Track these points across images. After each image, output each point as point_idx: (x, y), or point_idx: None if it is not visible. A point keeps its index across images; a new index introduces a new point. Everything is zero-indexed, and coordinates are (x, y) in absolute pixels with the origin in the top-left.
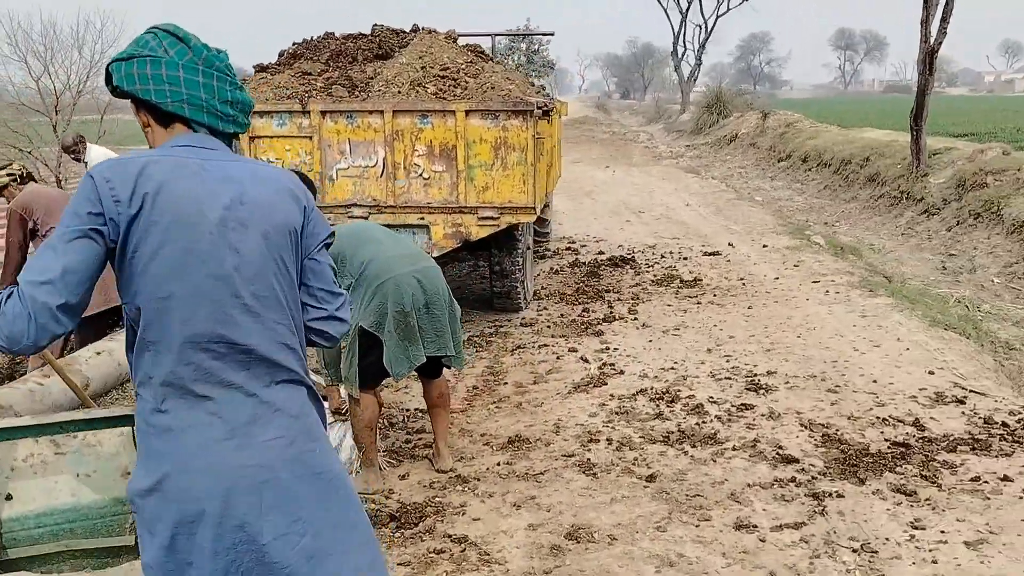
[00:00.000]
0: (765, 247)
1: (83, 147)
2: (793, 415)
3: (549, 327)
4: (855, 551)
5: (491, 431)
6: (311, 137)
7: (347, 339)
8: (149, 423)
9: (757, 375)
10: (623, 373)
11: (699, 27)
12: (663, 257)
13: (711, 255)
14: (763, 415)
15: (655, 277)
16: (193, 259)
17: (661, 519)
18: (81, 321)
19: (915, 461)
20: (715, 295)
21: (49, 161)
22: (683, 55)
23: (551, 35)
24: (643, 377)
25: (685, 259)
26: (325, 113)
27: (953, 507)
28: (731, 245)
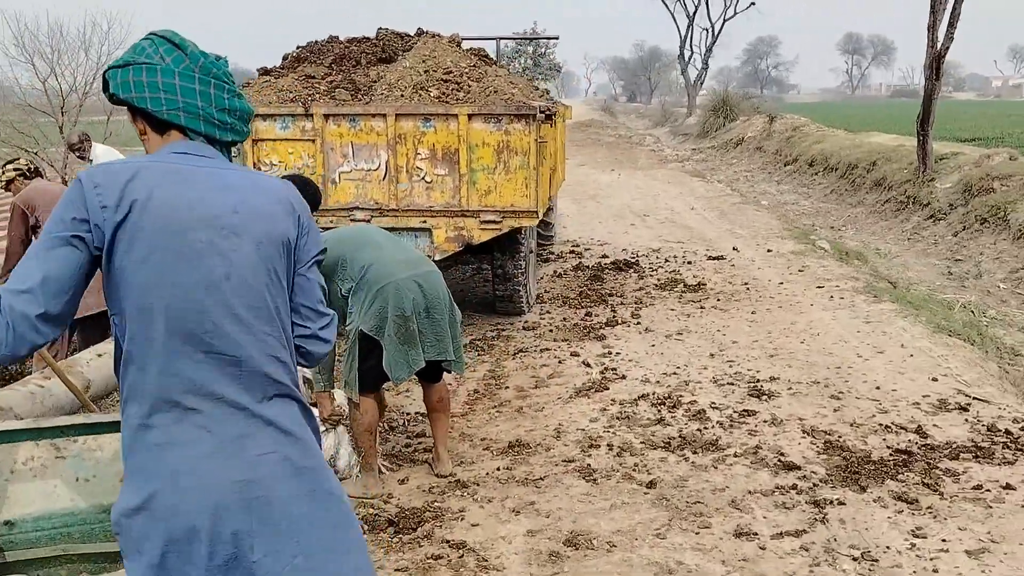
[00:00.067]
0: (770, 251)
1: (88, 145)
2: (795, 421)
3: (551, 331)
4: (855, 559)
5: (491, 435)
6: (314, 140)
7: (347, 343)
8: (136, 439)
9: (760, 381)
10: (625, 378)
11: (706, 31)
12: (667, 261)
13: (715, 259)
14: (765, 421)
15: (659, 281)
16: (181, 266)
17: (661, 526)
18: (84, 322)
19: (917, 469)
20: (719, 300)
21: (55, 162)
22: (690, 59)
23: (556, 39)
24: (645, 382)
25: (689, 263)
26: (328, 116)
27: (955, 515)
28: (736, 249)
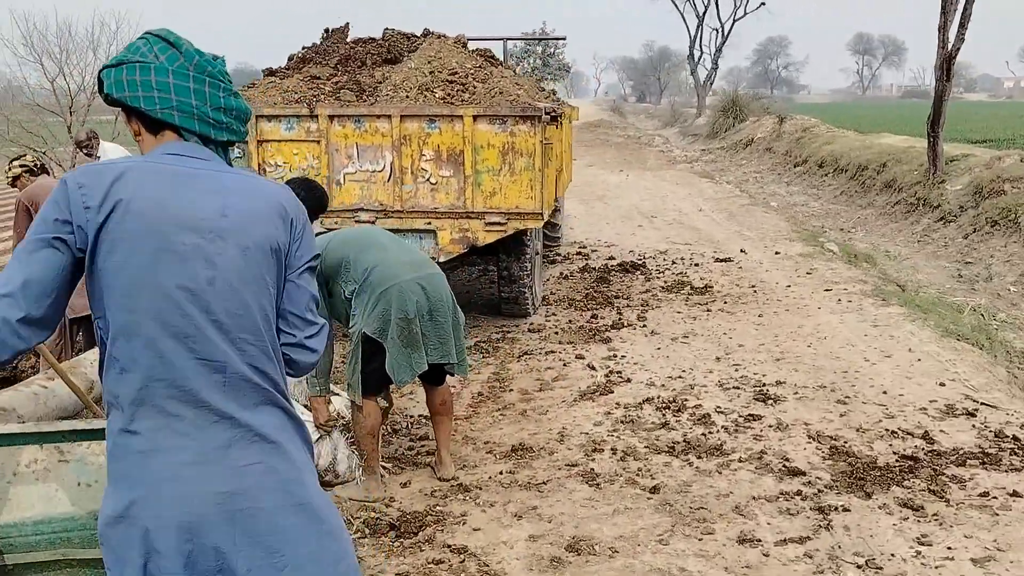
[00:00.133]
0: (778, 254)
1: (96, 143)
2: (801, 426)
3: (557, 333)
4: (860, 567)
5: (495, 439)
6: (319, 141)
7: (351, 345)
8: (118, 445)
9: (766, 385)
10: (630, 381)
11: (716, 31)
12: (674, 263)
13: (723, 261)
14: (771, 426)
15: (665, 283)
16: (164, 269)
17: (663, 532)
18: (87, 322)
19: (923, 475)
20: (725, 302)
21: (63, 161)
22: (699, 59)
23: (563, 39)
24: (650, 385)
25: (696, 265)
26: (333, 117)
27: (961, 523)
28: (743, 251)
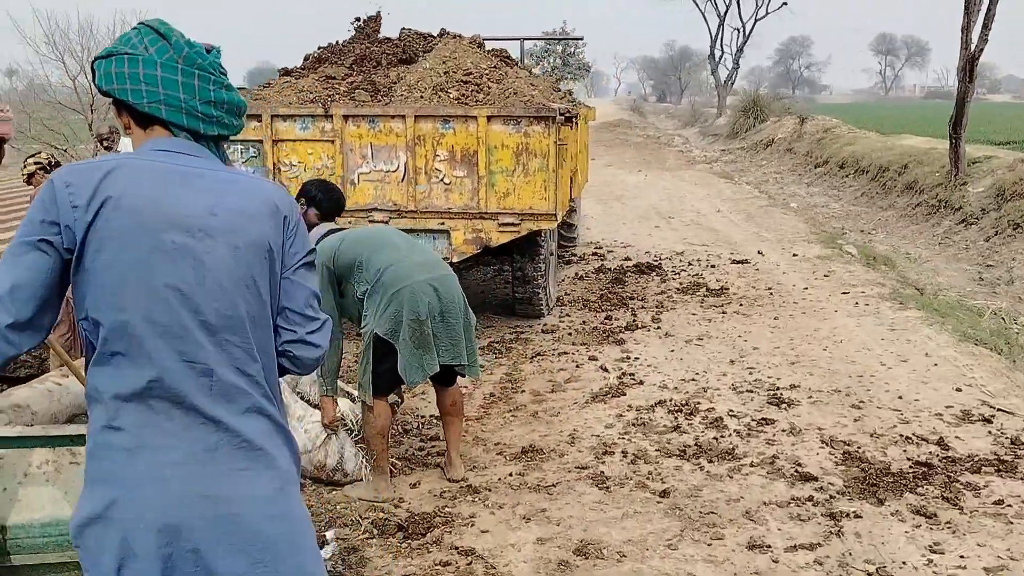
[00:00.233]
0: (795, 256)
1: (117, 137)
2: (814, 431)
3: (570, 334)
4: (870, 574)
5: (505, 440)
6: (333, 141)
7: (363, 345)
8: (99, 443)
9: (780, 389)
10: (642, 383)
11: (737, 31)
12: (690, 264)
13: (739, 263)
14: (784, 430)
15: (681, 285)
16: (153, 268)
17: (673, 536)
18: None
19: (937, 482)
20: (741, 305)
21: (85, 158)
22: (720, 59)
23: (580, 39)
24: (663, 388)
25: (713, 267)
26: (347, 117)
27: (974, 531)
28: (761, 253)
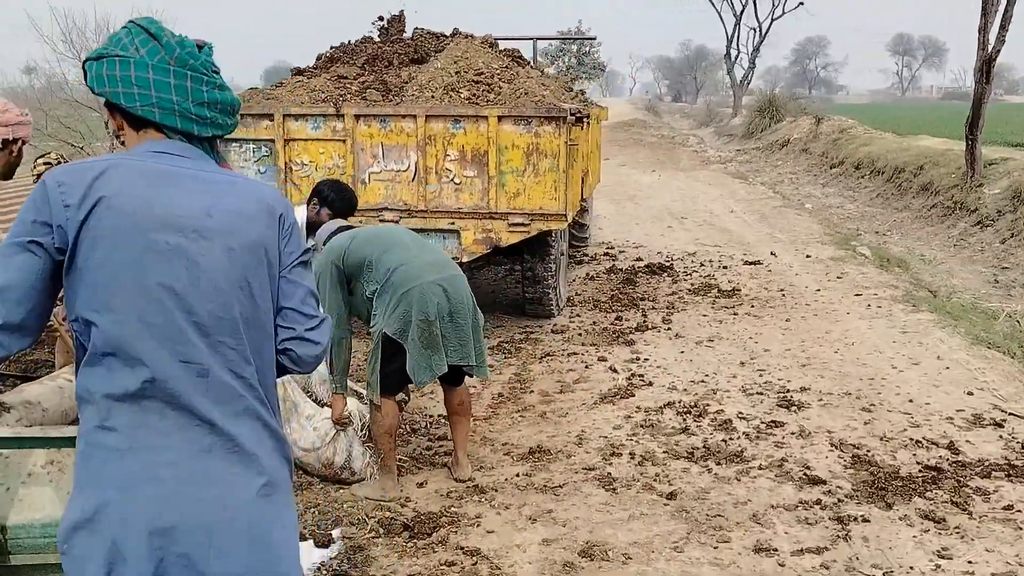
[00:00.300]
0: (809, 257)
1: None
2: (824, 434)
3: (580, 335)
4: None
5: (513, 440)
6: (344, 141)
7: (372, 344)
8: (91, 443)
9: (790, 391)
10: (651, 385)
11: (753, 30)
12: (702, 265)
13: (752, 264)
14: (793, 433)
15: (692, 286)
16: (146, 267)
17: (679, 539)
18: None
19: (946, 486)
20: (753, 306)
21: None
22: (736, 58)
23: (594, 39)
24: (672, 389)
25: (725, 268)
26: (359, 117)
27: (983, 536)
28: (773, 254)
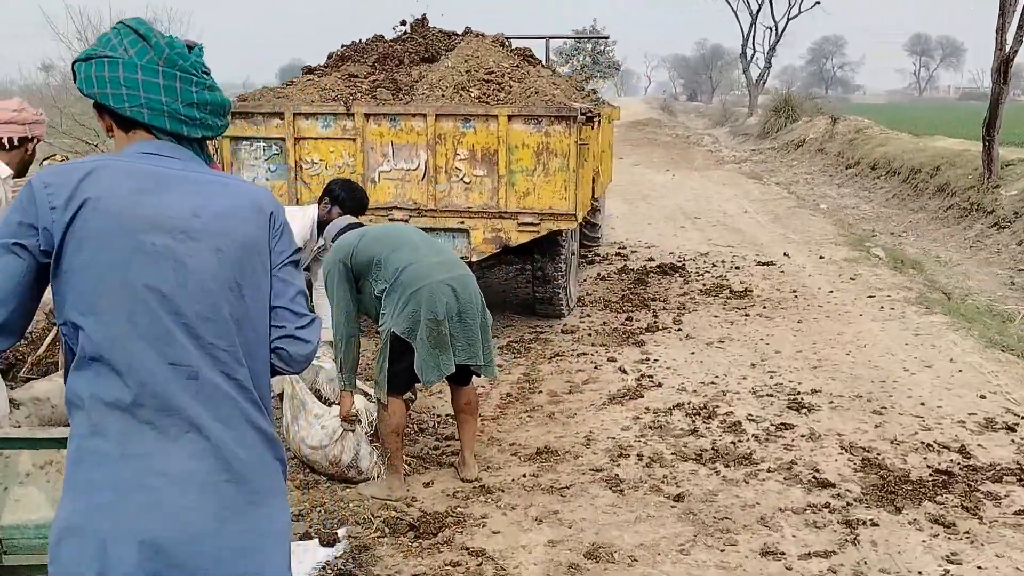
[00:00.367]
0: (822, 258)
1: None
2: (834, 437)
3: (590, 335)
4: None
5: (520, 441)
6: (355, 139)
7: (380, 343)
8: (82, 448)
9: (800, 393)
10: (661, 386)
11: (769, 29)
12: (714, 266)
13: (764, 265)
14: (803, 436)
15: (704, 286)
16: (133, 269)
17: (685, 541)
18: None
19: (957, 491)
20: (764, 307)
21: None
22: (752, 57)
23: (607, 38)
24: (681, 391)
25: (737, 268)
26: (369, 116)
27: (993, 541)
28: (787, 255)
